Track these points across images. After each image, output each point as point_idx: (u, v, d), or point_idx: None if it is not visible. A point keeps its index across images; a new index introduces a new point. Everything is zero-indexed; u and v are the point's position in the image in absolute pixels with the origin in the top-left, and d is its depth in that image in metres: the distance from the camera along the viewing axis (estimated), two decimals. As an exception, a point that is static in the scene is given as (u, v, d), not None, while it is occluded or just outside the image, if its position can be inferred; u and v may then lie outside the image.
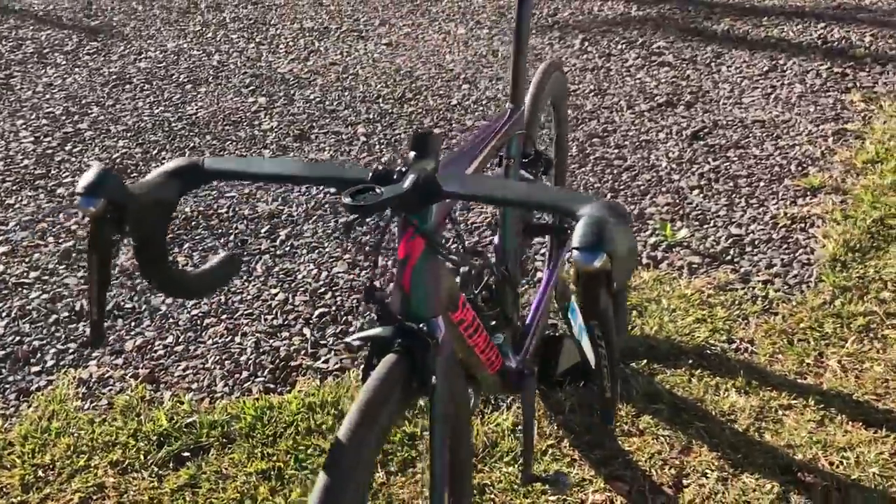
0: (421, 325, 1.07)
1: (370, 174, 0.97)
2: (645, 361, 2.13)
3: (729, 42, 4.19)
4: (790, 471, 1.82)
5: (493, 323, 1.59)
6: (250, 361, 2.24)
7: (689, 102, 3.55)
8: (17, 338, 2.31)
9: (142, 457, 1.93)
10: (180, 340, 2.33)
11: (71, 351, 2.23)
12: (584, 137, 3.31)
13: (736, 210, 2.78)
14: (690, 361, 2.13)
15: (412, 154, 1.03)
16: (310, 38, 4.63)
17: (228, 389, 2.15)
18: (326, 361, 2.23)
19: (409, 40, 4.52)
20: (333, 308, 2.43)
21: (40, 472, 1.90)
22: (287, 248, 2.72)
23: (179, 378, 2.20)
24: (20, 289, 2.53)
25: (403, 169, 0.97)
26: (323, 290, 2.51)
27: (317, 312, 2.41)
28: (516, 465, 1.86)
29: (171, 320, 2.40)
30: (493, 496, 1.81)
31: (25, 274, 2.60)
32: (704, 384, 2.06)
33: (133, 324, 2.36)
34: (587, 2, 4.99)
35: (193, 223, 2.87)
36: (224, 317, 2.42)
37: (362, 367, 1.11)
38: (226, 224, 2.86)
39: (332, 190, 1.94)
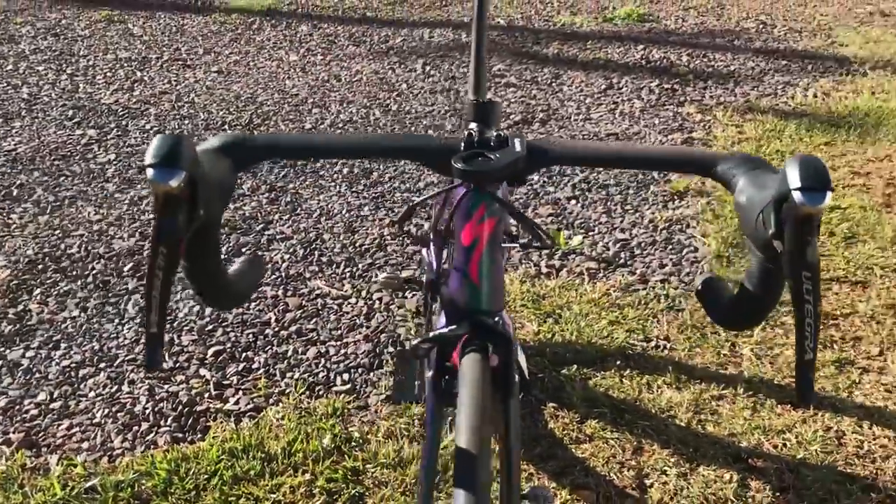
0: (496, 320, 0.95)
1: (461, 143, 0.84)
2: (575, 367, 2.09)
3: (563, 64, 4.34)
4: (741, 458, 1.83)
5: None
6: (148, 411, 1.96)
7: (543, 119, 3.62)
8: None
9: (39, 535, 1.62)
10: (55, 396, 2.00)
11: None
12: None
13: (615, 216, 2.84)
14: (618, 363, 2.11)
15: (474, 125, 0.92)
16: (129, 67, 4.29)
17: (129, 444, 1.87)
18: (237, 403, 2.00)
19: (241, 68, 4.30)
20: (229, 345, 2.20)
21: None
22: (158, 286, 2.44)
23: (64, 438, 1.88)
24: None
25: (500, 135, 0.85)
26: (211, 327, 2.27)
27: (211, 351, 2.17)
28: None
29: (37, 375, 2.07)
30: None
31: None
32: (637, 383, 2.04)
33: (-10, 383, 2.01)
34: (416, 28, 5.01)
35: (40, 266, 2.51)
36: (102, 365, 2.12)
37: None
38: (79, 266, 2.53)
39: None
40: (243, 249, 2.64)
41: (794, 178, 0.66)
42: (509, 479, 0.96)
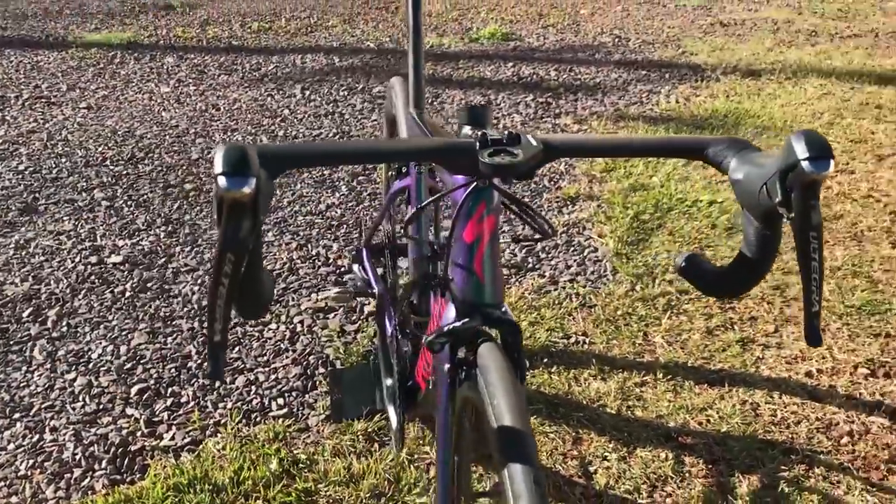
0: (504, 310, 0.99)
1: (477, 142, 0.89)
2: (505, 369, 2.15)
3: (440, 83, 4.45)
4: (672, 437, 1.95)
5: None
6: (78, 456, 1.88)
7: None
8: None
9: None
10: (-28, 453, 1.88)
11: None
12: (350, 177, 3.29)
13: (515, 224, 2.94)
14: (545, 360, 2.20)
15: (467, 128, 0.96)
16: (-13, 107, 4.06)
17: (63, 493, 1.78)
18: (173, 438, 1.94)
19: (112, 102, 4.16)
20: (152, 382, 2.13)
21: None
22: (64, 329, 2.34)
23: (-10, 495, 1.77)
24: None
25: (511, 132, 0.89)
26: (130, 365, 2.19)
27: (134, 390, 2.10)
28: (430, 493, 1.77)
29: (-54, 432, 1.94)
30: (420, 530, 1.70)
31: None
32: (565, 378, 2.13)
33: None
34: (287, 55, 5.00)
35: (-72, 319, 2.35)
36: (16, 416, 2.00)
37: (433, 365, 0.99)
38: (-29, 314, 2.38)
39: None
40: (148, 284, 2.56)
41: (801, 150, 0.75)
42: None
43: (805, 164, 0.75)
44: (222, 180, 0.71)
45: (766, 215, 0.81)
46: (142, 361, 2.21)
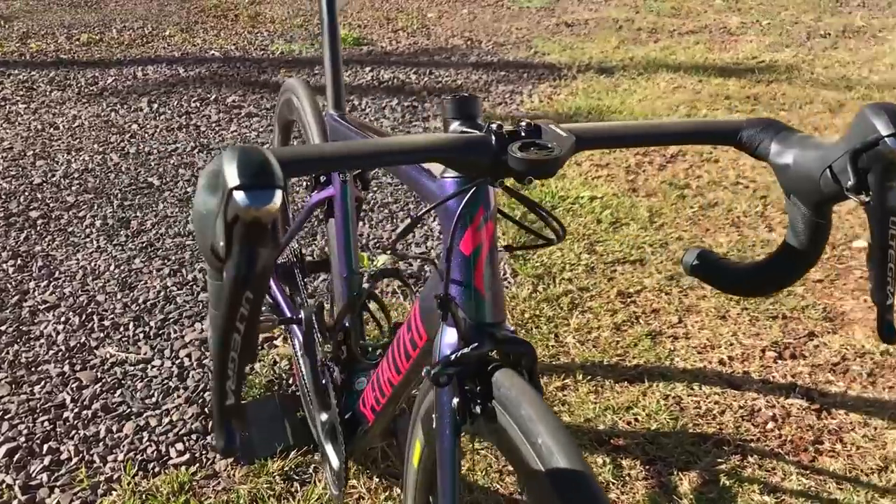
0: (512, 329, 0.87)
1: (492, 136, 0.76)
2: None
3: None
4: (605, 441, 1.89)
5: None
6: (-56, 539, 1.59)
7: (303, 143, 3.51)
8: None
9: None
10: None
11: None
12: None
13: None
14: (462, 374, 2.08)
15: (456, 123, 0.84)
16: None
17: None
18: (58, 502, 1.68)
19: (-72, 125, 3.69)
20: (22, 439, 1.85)
21: None
22: None
23: None
24: None
25: (530, 123, 0.77)
26: (-9, 422, 1.90)
27: (1, 451, 1.81)
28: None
29: None
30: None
31: None
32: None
33: None
34: (125, 67, 4.64)
35: None
36: None
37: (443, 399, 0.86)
38: None
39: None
40: (2, 327, 2.25)
41: (883, 126, 0.67)
42: None
43: (890, 140, 0.67)
44: (240, 196, 0.55)
45: (822, 202, 0.73)
46: (6, 417, 1.92)
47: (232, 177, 0.55)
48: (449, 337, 0.88)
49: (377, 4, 6.50)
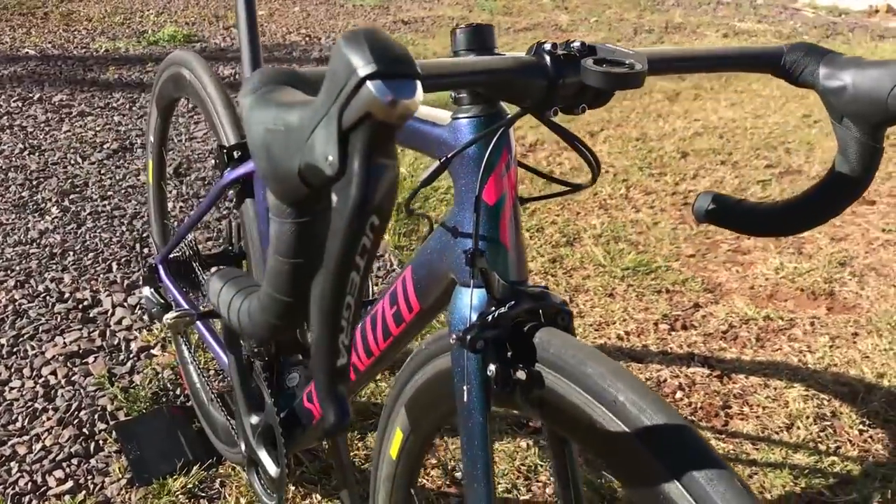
0: (543, 287, 0.78)
1: (546, 56, 0.66)
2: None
3: (133, 88, 3.94)
4: (523, 425, 1.84)
5: None
6: None
7: (144, 144, 3.25)
8: None
9: None
10: None
11: None
12: (59, 197, 2.75)
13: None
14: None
15: (471, 56, 0.74)
16: None
17: None
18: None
19: None
20: None
21: None
22: None
23: None
24: None
25: (583, 42, 0.68)
26: None
27: None
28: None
29: None
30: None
31: None
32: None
33: None
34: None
35: None
36: None
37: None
38: None
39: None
40: None
41: None
42: None
43: None
44: (377, 86, 0.42)
45: (882, 122, 0.70)
46: None
47: (365, 63, 0.42)
48: (475, 298, 0.78)
49: (202, 2, 6.19)
